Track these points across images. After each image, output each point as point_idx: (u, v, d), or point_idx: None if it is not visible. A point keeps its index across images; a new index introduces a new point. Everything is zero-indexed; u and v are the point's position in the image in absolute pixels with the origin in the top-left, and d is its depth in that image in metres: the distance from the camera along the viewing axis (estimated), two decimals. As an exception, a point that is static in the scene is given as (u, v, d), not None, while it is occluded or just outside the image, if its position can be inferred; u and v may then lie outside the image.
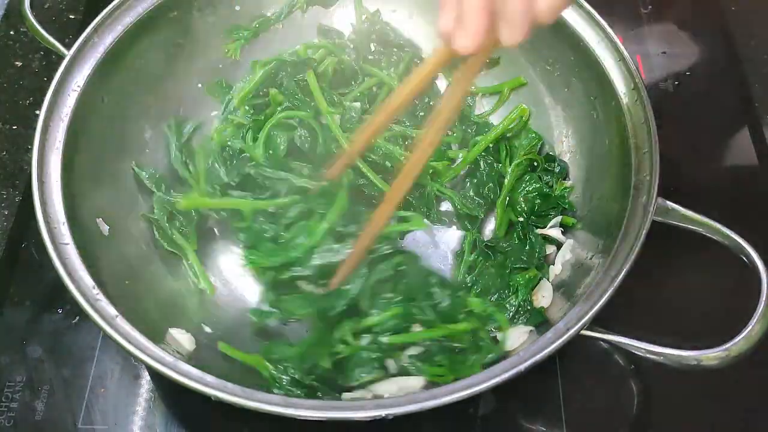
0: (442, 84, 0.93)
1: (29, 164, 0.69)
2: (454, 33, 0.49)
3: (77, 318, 0.78)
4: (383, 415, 0.57)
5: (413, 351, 0.70)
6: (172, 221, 0.79)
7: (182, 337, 0.69)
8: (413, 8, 0.94)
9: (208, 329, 0.74)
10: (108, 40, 0.77)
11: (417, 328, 0.70)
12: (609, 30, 0.77)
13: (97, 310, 0.61)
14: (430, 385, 0.66)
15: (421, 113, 0.89)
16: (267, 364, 0.67)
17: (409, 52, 0.92)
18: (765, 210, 0.87)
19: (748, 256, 0.62)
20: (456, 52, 0.51)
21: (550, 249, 0.80)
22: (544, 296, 0.74)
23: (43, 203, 0.67)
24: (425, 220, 0.82)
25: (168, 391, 0.74)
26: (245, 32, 0.90)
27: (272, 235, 0.74)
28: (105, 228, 0.73)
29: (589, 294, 0.64)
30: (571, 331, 0.60)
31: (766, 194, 0.89)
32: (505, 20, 0.47)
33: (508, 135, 0.87)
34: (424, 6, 0.93)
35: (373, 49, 0.93)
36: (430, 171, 0.85)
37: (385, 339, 0.68)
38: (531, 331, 0.70)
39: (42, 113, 0.71)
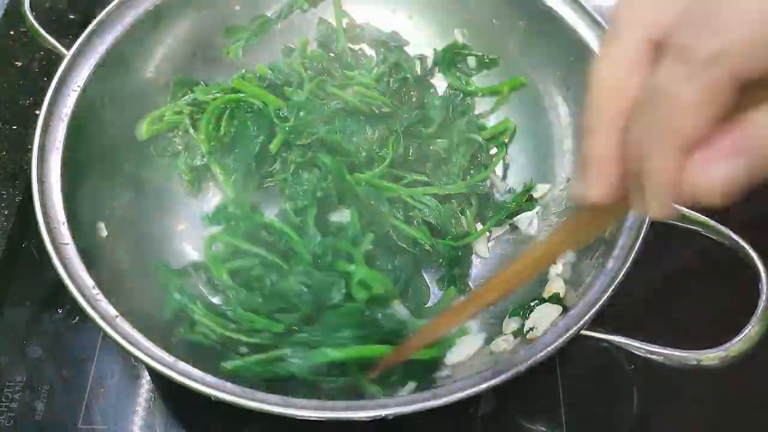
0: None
1: (29, 164, 0.69)
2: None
3: (77, 318, 0.78)
4: (383, 415, 0.57)
5: None
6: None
7: None
8: (413, 9, 0.94)
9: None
10: (108, 40, 0.77)
11: None
12: (609, 30, 0.77)
13: (97, 310, 0.61)
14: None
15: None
16: None
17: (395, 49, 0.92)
18: (765, 210, 0.87)
19: (748, 256, 0.62)
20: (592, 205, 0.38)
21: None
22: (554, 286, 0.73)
23: (43, 203, 0.67)
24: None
25: (168, 391, 0.74)
26: (245, 33, 0.90)
27: None
28: (103, 231, 0.73)
29: (589, 294, 0.64)
30: (571, 331, 0.60)
31: (766, 194, 0.89)
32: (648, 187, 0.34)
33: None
34: (424, 6, 0.93)
35: (357, 48, 0.94)
36: None
37: None
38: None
39: (42, 113, 0.71)
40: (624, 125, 0.35)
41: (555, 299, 0.70)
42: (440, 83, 0.93)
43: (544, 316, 0.68)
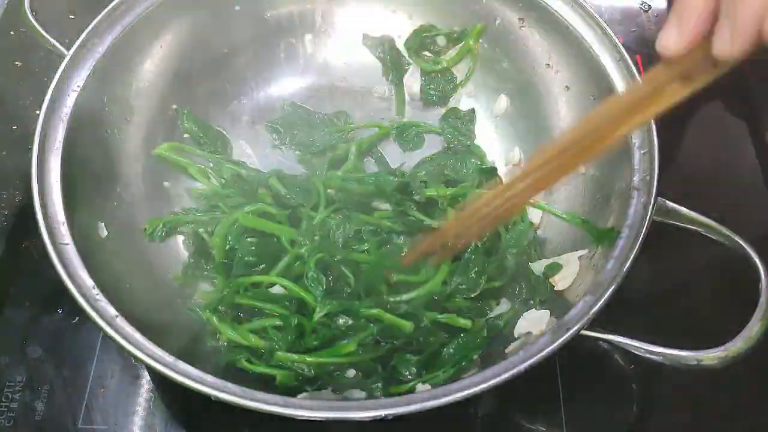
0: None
1: (29, 164, 0.69)
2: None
3: (77, 318, 0.78)
4: (383, 415, 0.56)
5: None
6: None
7: None
8: (413, 9, 0.94)
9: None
10: (108, 40, 0.77)
11: None
12: (609, 30, 0.77)
13: (97, 310, 0.61)
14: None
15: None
16: None
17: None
18: (765, 210, 0.87)
19: (748, 256, 0.62)
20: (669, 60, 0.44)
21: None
22: (564, 277, 0.73)
23: (43, 203, 0.67)
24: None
25: (168, 391, 0.74)
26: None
27: None
28: (104, 231, 0.73)
29: (589, 294, 0.64)
30: (571, 331, 0.60)
31: (766, 194, 0.89)
32: (727, 20, 0.41)
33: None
34: (424, 6, 0.93)
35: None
36: None
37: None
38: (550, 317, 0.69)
39: (42, 113, 0.71)
40: None
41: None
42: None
43: (533, 322, 0.69)
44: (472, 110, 0.93)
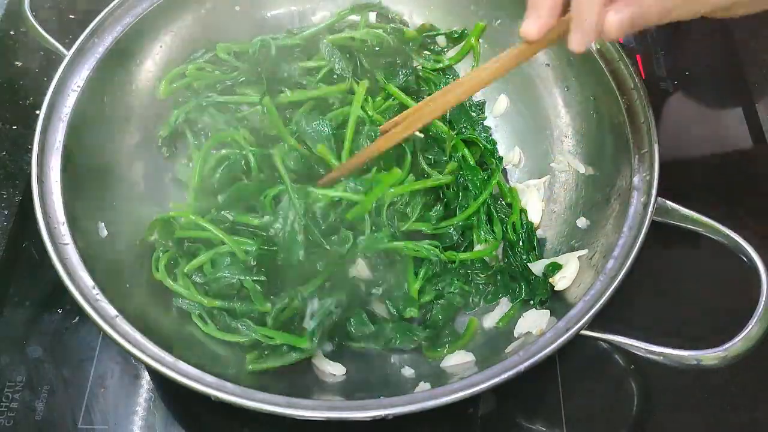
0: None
1: (29, 164, 0.69)
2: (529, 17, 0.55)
3: (77, 318, 0.78)
4: (383, 415, 0.57)
5: None
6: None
7: (330, 368, 0.70)
8: (413, 7, 0.94)
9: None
10: (108, 40, 0.78)
11: None
12: (609, 30, 0.77)
13: (97, 310, 0.61)
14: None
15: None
16: None
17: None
18: (765, 210, 0.87)
19: (748, 256, 0.62)
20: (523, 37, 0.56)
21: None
22: (564, 276, 0.73)
23: (43, 203, 0.67)
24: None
25: (168, 391, 0.74)
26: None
27: None
28: (104, 231, 0.73)
29: (589, 294, 0.64)
30: (571, 331, 0.60)
31: (766, 195, 0.89)
32: (577, 25, 0.52)
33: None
34: (424, 6, 0.93)
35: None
36: None
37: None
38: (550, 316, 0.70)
39: (42, 113, 0.71)
40: None
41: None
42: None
43: (533, 322, 0.69)
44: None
